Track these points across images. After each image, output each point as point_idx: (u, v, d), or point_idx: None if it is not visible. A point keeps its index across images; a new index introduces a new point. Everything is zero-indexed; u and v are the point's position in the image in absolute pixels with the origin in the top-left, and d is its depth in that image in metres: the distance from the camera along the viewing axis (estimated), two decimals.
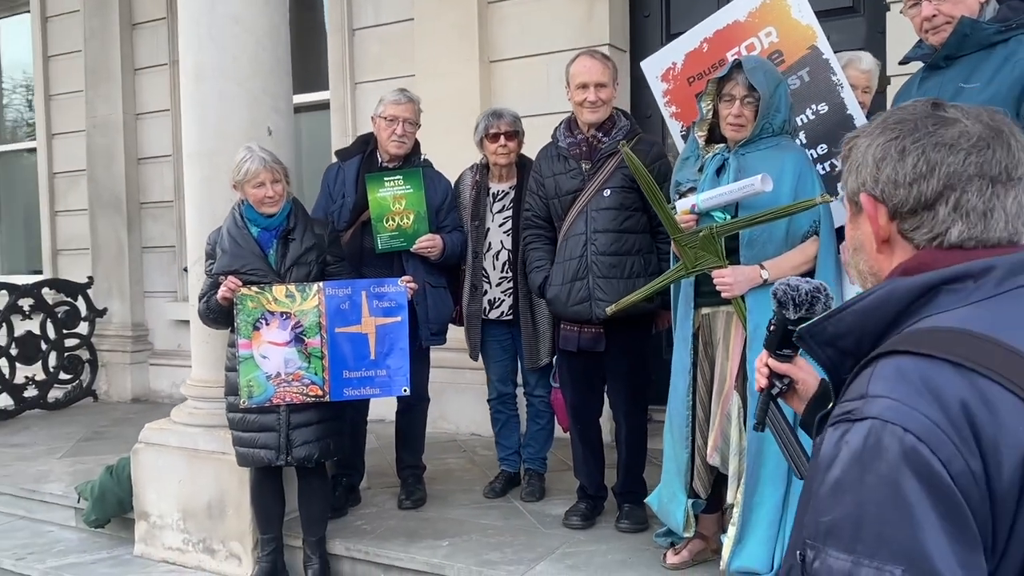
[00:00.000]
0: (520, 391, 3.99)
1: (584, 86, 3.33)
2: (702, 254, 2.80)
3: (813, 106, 3.39)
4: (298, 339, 3.15)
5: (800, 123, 3.42)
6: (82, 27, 7.02)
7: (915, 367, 0.96)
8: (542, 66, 5.10)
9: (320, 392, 3.17)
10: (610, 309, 3.08)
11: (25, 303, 6.33)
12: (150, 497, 3.84)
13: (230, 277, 3.14)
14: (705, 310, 2.93)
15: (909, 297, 1.06)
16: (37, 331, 6.41)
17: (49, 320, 6.49)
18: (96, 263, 7.02)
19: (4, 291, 6.33)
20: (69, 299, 6.68)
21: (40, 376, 6.41)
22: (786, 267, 2.75)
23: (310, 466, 3.27)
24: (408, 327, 3.23)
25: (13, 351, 6.24)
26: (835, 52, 3.41)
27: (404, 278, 3.29)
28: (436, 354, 4.02)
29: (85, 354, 6.73)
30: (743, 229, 2.77)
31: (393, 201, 3.59)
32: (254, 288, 3.14)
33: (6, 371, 6.19)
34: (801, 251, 2.79)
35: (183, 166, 3.99)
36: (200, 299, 3.33)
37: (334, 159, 4.02)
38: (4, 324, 6.19)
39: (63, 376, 6.57)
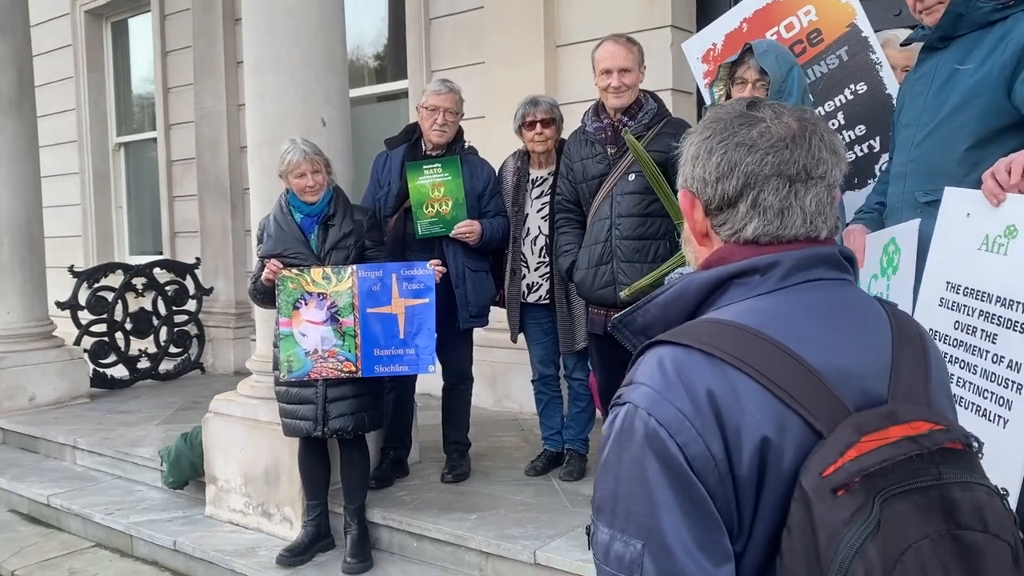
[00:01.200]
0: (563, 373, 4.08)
1: (608, 71, 3.37)
2: None
3: (852, 86, 3.32)
4: (333, 318, 3.36)
5: (838, 103, 3.36)
6: (192, 24, 7.51)
7: (673, 357, 1.02)
8: None
9: (353, 368, 3.36)
10: (624, 293, 3.12)
11: (138, 282, 6.89)
12: (218, 463, 4.16)
13: (272, 260, 3.38)
14: None
15: (704, 289, 1.12)
16: (149, 308, 6.97)
17: (160, 297, 7.03)
18: (204, 245, 7.54)
19: (120, 271, 6.90)
20: (179, 278, 7.21)
21: (152, 349, 6.97)
22: None
23: (347, 437, 3.48)
24: (435, 309, 3.38)
25: (128, 326, 6.82)
26: (875, 31, 3.32)
27: (432, 261, 3.43)
28: (500, 336, 4.14)
29: (193, 329, 7.25)
30: None
31: (432, 188, 3.74)
32: (294, 270, 3.37)
33: (122, 344, 6.76)
34: None
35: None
36: (251, 280, 3.59)
37: None
38: (120, 301, 6.76)
39: (173, 349, 7.11)
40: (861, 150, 3.32)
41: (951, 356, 1.95)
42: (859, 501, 0.92)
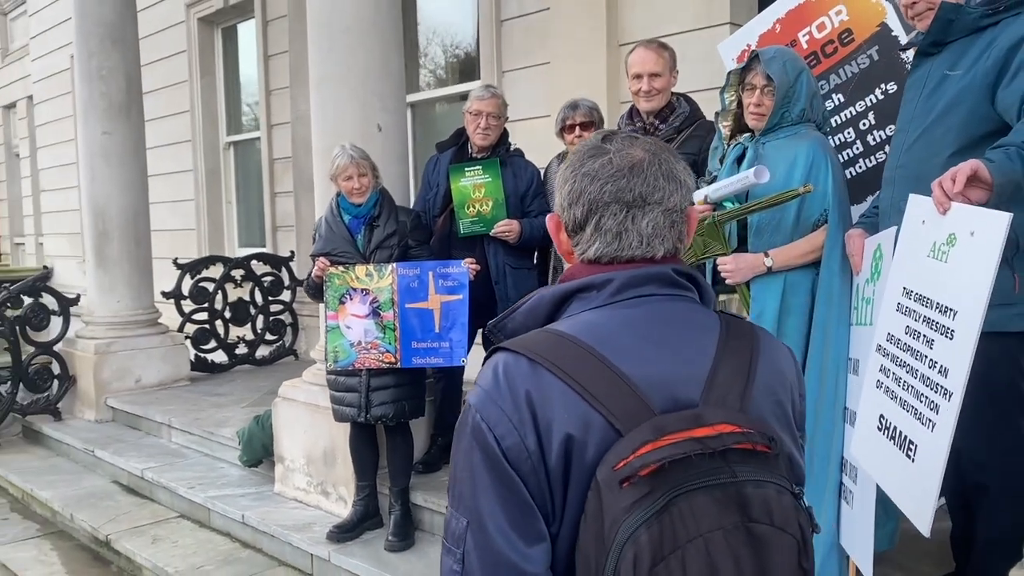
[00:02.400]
0: None
1: (639, 76, 3.47)
2: (710, 241, 2.88)
3: (882, 85, 3.32)
4: (375, 312, 3.60)
5: (869, 103, 3.36)
6: (288, 29, 7.95)
7: (505, 362, 1.18)
8: None
9: (393, 359, 3.60)
10: None
11: (237, 274, 7.38)
12: (284, 444, 4.49)
13: (321, 258, 3.65)
14: (721, 297, 3.01)
15: (552, 302, 1.27)
16: (247, 298, 7.45)
17: (257, 288, 7.51)
18: (299, 238, 7.97)
19: (220, 263, 7.41)
20: (275, 270, 7.67)
21: (249, 336, 7.46)
22: (791, 255, 2.78)
23: (390, 424, 3.72)
24: (469, 305, 3.57)
25: (227, 314, 7.32)
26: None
27: (467, 260, 3.62)
28: None
29: (288, 318, 7.71)
30: (741, 217, 2.82)
31: (473, 189, 3.93)
32: (340, 267, 3.63)
33: (221, 331, 7.27)
34: (808, 240, 2.79)
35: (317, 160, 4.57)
36: (306, 276, 3.89)
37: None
38: (220, 291, 7.26)
39: (268, 337, 7.59)
40: None
41: (901, 360, 2.00)
42: (641, 492, 1.05)
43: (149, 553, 4.25)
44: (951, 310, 1.78)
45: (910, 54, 3.23)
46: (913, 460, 1.86)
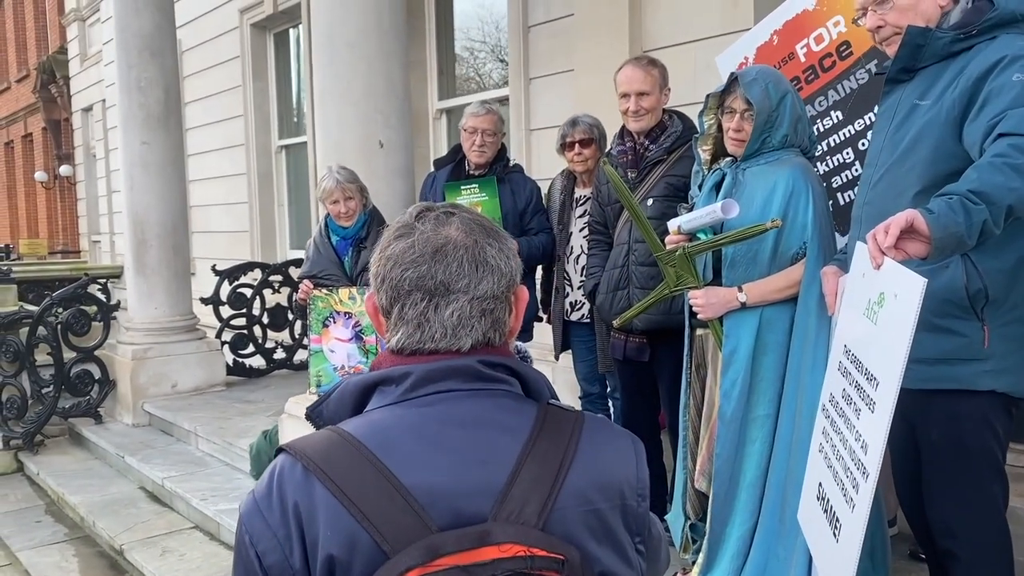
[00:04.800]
0: None
1: (626, 95, 3.32)
2: (682, 273, 2.73)
3: None
4: (358, 336, 3.55)
5: (867, 121, 3.14)
6: None
7: (281, 467, 1.09)
8: (690, 54, 4.98)
9: None
10: (616, 322, 3.09)
11: (275, 279, 7.45)
12: None
13: (305, 281, 3.62)
14: (699, 331, 2.86)
15: (356, 393, 1.17)
16: (285, 303, 7.52)
17: (295, 294, 7.56)
18: None
19: (258, 269, 7.50)
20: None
21: (287, 341, 7.54)
22: (767, 290, 2.60)
23: None
24: None
25: (265, 320, 7.40)
26: None
27: None
28: (547, 351, 4.18)
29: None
30: (711, 250, 2.66)
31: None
32: (324, 290, 3.59)
33: (259, 336, 7.37)
34: (786, 275, 2.60)
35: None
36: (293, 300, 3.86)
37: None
38: (257, 297, 7.35)
39: (306, 342, 7.63)
40: None
41: (837, 427, 1.83)
42: None
43: (155, 566, 4.31)
44: (875, 378, 1.61)
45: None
46: (837, 540, 1.69)
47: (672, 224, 2.80)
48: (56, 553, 4.87)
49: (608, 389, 3.99)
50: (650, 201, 3.30)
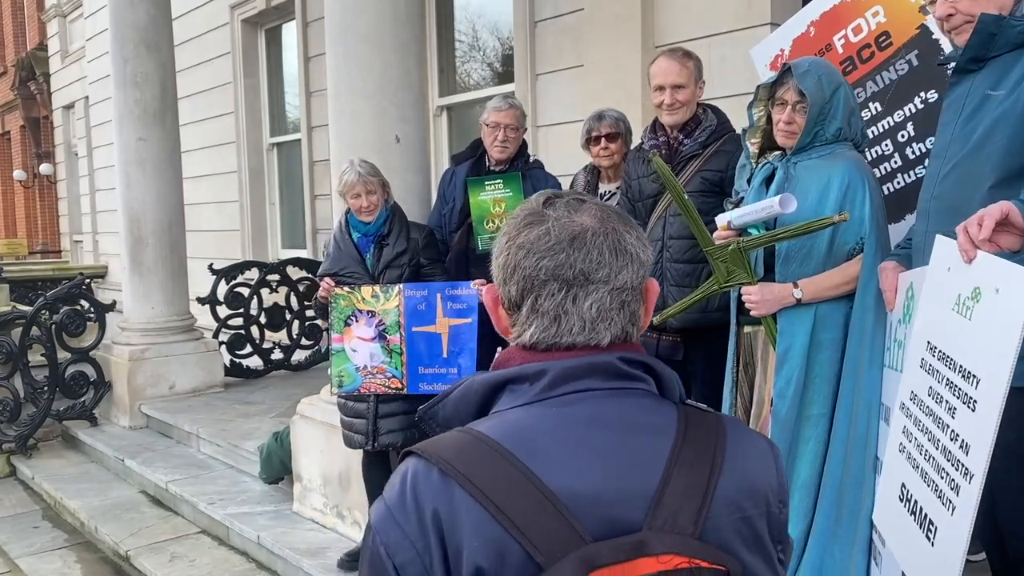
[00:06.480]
0: None
1: (660, 88, 3.24)
2: (734, 269, 2.66)
3: (922, 94, 3.05)
4: (381, 336, 3.45)
5: (907, 113, 3.09)
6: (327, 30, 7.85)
7: (414, 472, 1.01)
8: (704, 49, 4.91)
9: (400, 385, 3.45)
10: (656, 319, 3.02)
11: (272, 278, 7.33)
12: (302, 462, 4.39)
13: (326, 278, 3.52)
14: (747, 328, 2.79)
15: (482, 392, 1.09)
16: (283, 303, 7.40)
17: (293, 293, 7.46)
18: None
19: (255, 268, 7.37)
20: (310, 275, 7.59)
21: (285, 341, 7.41)
22: (822, 287, 2.54)
23: (400, 451, 3.57)
24: (478, 328, 3.40)
25: (262, 320, 7.28)
26: None
27: (477, 281, 3.44)
28: None
29: (323, 323, 7.62)
30: (767, 245, 2.59)
31: (493, 204, 3.75)
32: (346, 288, 3.49)
33: (257, 336, 7.24)
34: (842, 271, 2.54)
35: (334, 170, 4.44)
36: (313, 297, 3.76)
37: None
38: (255, 296, 7.22)
39: (304, 342, 7.54)
40: None
41: (924, 426, 1.77)
42: None
43: (164, 573, 4.19)
44: (974, 376, 1.55)
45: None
46: (932, 544, 1.63)
47: (721, 219, 2.74)
48: (58, 559, 4.73)
49: None
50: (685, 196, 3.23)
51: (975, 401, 1.53)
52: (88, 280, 8.36)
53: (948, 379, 1.65)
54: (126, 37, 6.35)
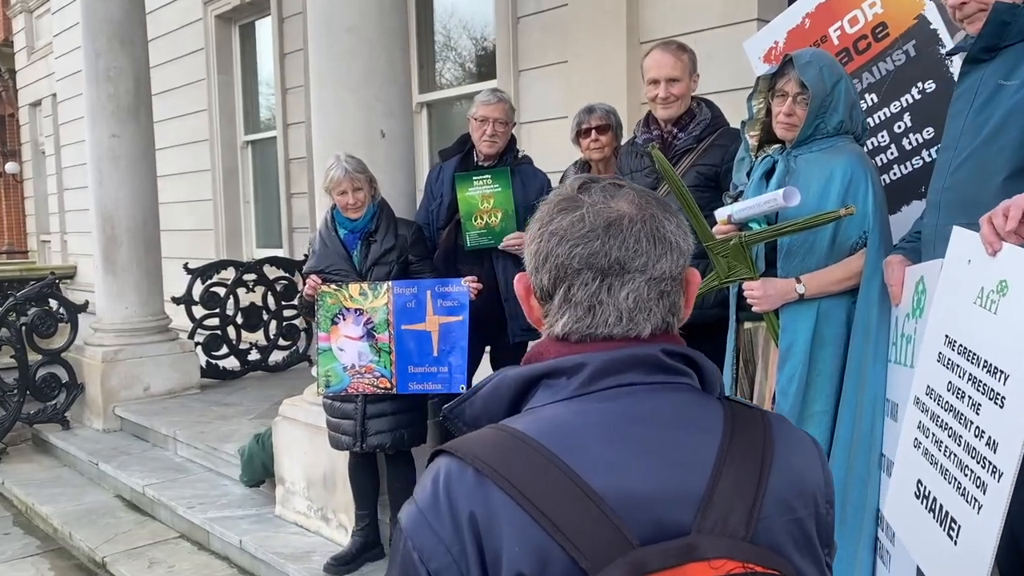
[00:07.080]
0: None
1: (655, 81, 3.19)
2: (735, 264, 2.62)
3: (919, 84, 3.02)
4: (369, 334, 3.37)
5: (904, 104, 3.07)
6: (303, 27, 7.73)
7: (447, 472, 0.95)
8: (690, 45, 4.87)
9: (389, 384, 3.37)
10: None
11: (249, 278, 7.20)
12: (285, 465, 4.29)
13: (312, 276, 3.43)
14: (747, 324, 2.75)
15: (516, 387, 1.03)
16: (259, 303, 7.27)
17: (270, 293, 7.33)
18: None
19: (232, 267, 7.24)
20: (287, 275, 7.48)
21: (262, 342, 7.29)
22: (825, 282, 2.50)
23: (389, 453, 3.50)
24: (468, 327, 3.33)
25: (239, 320, 7.15)
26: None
27: (468, 278, 3.38)
28: None
29: (301, 323, 7.52)
30: (770, 239, 2.55)
31: (481, 200, 3.68)
32: (332, 286, 3.40)
33: (233, 337, 7.11)
34: (845, 266, 2.50)
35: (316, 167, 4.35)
36: (298, 295, 3.67)
37: None
38: (231, 296, 7.09)
39: (282, 342, 7.42)
40: (930, 155, 3.01)
41: (943, 422, 1.72)
42: None
43: None
44: (1002, 372, 1.51)
45: (950, 47, 2.97)
46: (955, 543, 1.59)
47: (721, 213, 2.69)
48: (30, 567, 4.59)
49: None
50: None
51: (1003, 397, 1.49)
52: (58, 280, 8.18)
53: (971, 374, 1.61)
54: (99, 31, 6.20)
